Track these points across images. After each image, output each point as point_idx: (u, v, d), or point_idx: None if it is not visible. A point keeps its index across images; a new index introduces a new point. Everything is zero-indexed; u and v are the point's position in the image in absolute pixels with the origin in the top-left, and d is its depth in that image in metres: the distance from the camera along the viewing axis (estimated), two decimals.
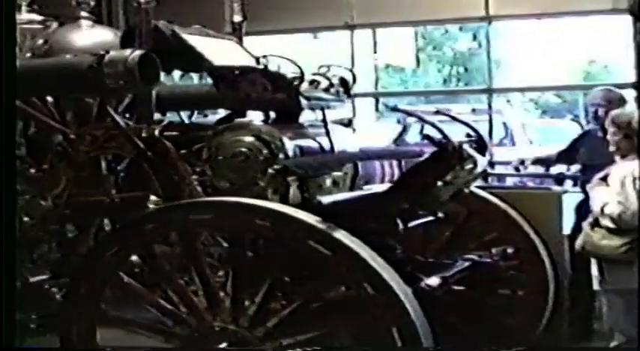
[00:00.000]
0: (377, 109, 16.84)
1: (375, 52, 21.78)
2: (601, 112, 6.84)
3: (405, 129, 14.22)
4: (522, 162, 7.94)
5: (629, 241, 5.49)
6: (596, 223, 5.61)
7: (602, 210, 5.56)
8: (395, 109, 6.24)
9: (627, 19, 8.07)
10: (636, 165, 5.51)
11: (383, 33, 20.63)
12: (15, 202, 3.79)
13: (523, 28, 24.81)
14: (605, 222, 5.54)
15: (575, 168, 7.71)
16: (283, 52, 5.47)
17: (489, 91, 8.99)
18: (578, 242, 5.80)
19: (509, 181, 9.22)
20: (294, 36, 12.85)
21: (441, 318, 5.78)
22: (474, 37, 25.99)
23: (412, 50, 24.92)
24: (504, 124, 17.14)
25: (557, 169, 8.29)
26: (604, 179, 5.67)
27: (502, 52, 28.83)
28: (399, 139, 13.95)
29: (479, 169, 5.01)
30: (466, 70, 28.01)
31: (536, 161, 8.02)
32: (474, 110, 14.73)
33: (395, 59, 24.84)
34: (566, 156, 7.67)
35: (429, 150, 4.88)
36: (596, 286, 5.86)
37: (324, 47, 16.90)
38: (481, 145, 5.57)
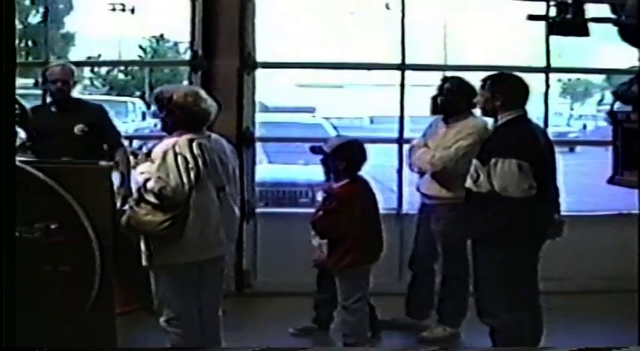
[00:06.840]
0: None
1: None
2: None
3: None
4: None
5: (170, 217, 5.52)
6: (140, 199, 5.58)
7: (144, 185, 5.55)
8: None
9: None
10: (180, 140, 5.55)
11: None
12: (15, 201, 3.71)
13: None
14: (149, 197, 5.54)
15: None
16: None
17: (43, 64, 8.84)
18: (123, 218, 5.73)
19: None
20: None
21: None
22: (47, 11, 25.51)
23: None
24: None
25: None
26: (149, 154, 5.66)
27: (75, 26, 28.59)
28: None
29: (18, 142, 4.92)
30: (35, 43, 27.38)
31: None
32: (36, 84, 14.40)
33: None
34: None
35: None
36: (144, 262, 5.82)
37: None
38: (24, 118, 5.47)
